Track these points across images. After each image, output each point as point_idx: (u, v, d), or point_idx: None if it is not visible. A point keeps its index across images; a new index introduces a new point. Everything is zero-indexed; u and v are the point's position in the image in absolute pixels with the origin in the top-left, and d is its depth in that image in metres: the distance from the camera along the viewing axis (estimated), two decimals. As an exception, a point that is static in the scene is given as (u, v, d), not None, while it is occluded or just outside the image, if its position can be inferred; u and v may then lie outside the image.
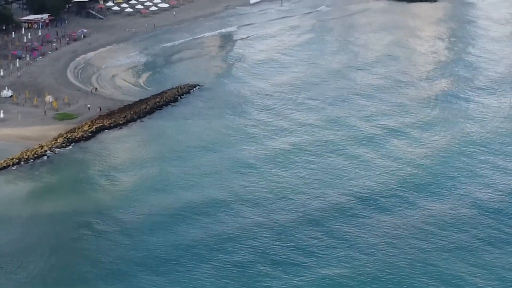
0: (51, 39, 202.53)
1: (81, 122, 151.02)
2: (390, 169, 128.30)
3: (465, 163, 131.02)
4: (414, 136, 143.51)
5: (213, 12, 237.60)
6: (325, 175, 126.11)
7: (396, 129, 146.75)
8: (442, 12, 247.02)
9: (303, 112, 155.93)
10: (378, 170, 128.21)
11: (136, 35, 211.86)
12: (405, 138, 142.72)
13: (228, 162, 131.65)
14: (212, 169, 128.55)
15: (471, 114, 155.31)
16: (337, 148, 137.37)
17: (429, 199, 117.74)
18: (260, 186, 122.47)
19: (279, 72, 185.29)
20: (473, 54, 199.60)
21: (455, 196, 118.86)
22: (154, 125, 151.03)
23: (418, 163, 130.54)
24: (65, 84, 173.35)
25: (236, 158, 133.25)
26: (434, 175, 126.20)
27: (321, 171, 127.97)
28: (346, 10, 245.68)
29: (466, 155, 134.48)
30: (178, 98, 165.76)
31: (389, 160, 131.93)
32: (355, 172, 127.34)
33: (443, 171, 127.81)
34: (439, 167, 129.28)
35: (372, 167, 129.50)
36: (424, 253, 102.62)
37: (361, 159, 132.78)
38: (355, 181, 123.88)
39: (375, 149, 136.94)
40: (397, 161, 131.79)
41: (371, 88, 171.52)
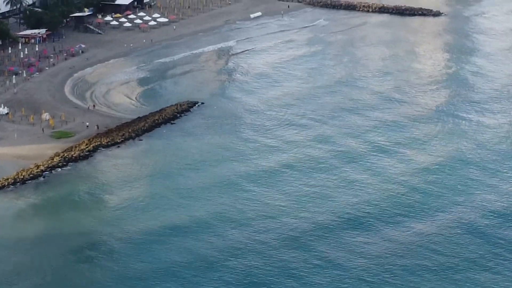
0: (49, 55, 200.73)
1: (78, 141, 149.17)
2: (381, 188, 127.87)
3: (456, 181, 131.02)
4: (406, 154, 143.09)
5: (213, 26, 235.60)
6: (318, 194, 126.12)
7: (388, 147, 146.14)
8: (444, 26, 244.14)
9: (302, 130, 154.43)
10: (367, 189, 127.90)
11: (134, 50, 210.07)
12: (397, 156, 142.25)
13: (227, 184, 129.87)
14: (211, 191, 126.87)
15: (465, 132, 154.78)
16: (334, 167, 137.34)
17: (417, 220, 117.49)
18: (258, 209, 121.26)
19: (280, 88, 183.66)
20: (470, 70, 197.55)
21: (444, 216, 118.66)
22: (152, 144, 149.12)
23: (408, 182, 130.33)
24: (62, 101, 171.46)
25: (236, 180, 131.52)
26: (424, 194, 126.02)
27: (314, 190, 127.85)
28: (345, 24, 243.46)
29: (458, 173, 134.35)
30: (178, 115, 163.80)
31: (381, 179, 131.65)
32: (349, 192, 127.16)
33: (433, 190, 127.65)
34: (429, 186, 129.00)
35: (362, 186, 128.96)
36: (410, 275, 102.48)
37: (354, 177, 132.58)
38: (349, 200, 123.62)
39: (368, 168, 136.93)
40: (387, 179, 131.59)
41: (368, 104, 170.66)
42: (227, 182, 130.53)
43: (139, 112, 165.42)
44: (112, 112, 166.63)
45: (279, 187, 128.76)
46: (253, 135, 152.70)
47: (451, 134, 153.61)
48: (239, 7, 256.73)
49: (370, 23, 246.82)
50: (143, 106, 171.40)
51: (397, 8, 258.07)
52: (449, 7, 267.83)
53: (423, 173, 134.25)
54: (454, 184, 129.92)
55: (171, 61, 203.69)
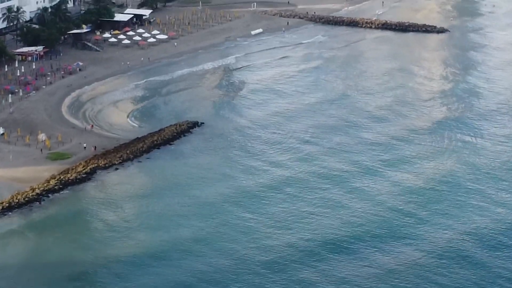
0: (46, 73, 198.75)
1: (75, 162, 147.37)
2: (368, 211, 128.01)
3: (446, 204, 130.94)
4: (397, 174, 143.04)
5: (213, 43, 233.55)
6: (316, 215, 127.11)
7: (379, 168, 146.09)
8: (447, 43, 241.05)
9: (301, 159, 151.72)
10: (358, 211, 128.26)
11: (133, 68, 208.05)
12: (389, 177, 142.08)
13: (225, 214, 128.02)
14: (208, 222, 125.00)
15: (461, 151, 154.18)
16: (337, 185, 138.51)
17: (403, 244, 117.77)
18: (248, 231, 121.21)
19: (281, 106, 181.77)
20: (473, 90, 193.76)
21: (431, 241, 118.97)
22: (151, 167, 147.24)
23: (397, 205, 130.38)
24: (59, 121, 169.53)
25: (232, 207, 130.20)
26: (411, 217, 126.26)
27: (309, 210, 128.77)
28: (346, 41, 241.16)
29: (448, 196, 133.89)
30: (177, 136, 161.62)
31: (368, 201, 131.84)
32: (342, 214, 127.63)
33: (421, 213, 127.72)
34: (417, 208, 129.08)
35: (353, 208, 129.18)
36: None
37: (348, 199, 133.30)
38: (339, 223, 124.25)
39: (364, 189, 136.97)
40: (375, 201, 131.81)
41: (363, 123, 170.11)
42: (224, 209, 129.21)
43: (137, 133, 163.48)
44: (110, 132, 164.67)
45: (272, 211, 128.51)
46: (253, 159, 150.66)
47: (445, 154, 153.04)
48: (239, 23, 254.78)
49: (372, 39, 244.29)
50: (141, 126, 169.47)
51: (400, 25, 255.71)
52: (454, 23, 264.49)
53: (413, 195, 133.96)
54: (444, 207, 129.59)
55: (170, 79, 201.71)
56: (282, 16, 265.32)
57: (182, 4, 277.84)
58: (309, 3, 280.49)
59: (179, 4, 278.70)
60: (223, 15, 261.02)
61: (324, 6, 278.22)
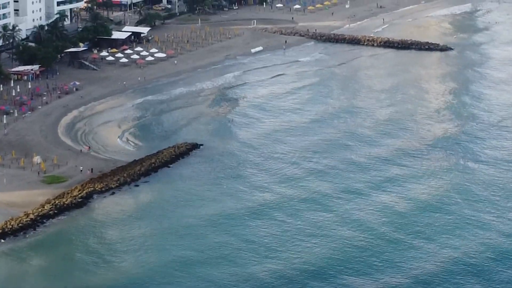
0: (41, 92, 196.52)
1: (70, 186, 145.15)
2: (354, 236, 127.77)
3: (437, 226, 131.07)
4: (386, 195, 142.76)
5: (213, 62, 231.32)
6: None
7: (368, 189, 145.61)
8: (451, 62, 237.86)
9: (296, 182, 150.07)
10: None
11: (131, 88, 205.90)
12: (377, 197, 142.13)
13: (223, 240, 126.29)
14: (206, 253, 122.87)
15: (455, 169, 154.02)
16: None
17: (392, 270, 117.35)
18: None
19: (281, 126, 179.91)
20: (476, 115, 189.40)
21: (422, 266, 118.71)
22: (149, 192, 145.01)
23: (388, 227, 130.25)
24: (55, 143, 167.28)
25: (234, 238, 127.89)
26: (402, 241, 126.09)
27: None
28: (347, 59, 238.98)
29: (437, 217, 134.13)
30: (175, 159, 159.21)
31: (353, 225, 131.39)
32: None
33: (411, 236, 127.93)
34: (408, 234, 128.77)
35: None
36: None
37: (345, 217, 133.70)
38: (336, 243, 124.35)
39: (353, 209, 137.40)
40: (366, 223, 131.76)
41: (358, 140, 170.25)
42: (221, 236, 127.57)
43: (135, 155, 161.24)
44: (106, 154, 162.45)
45: (271, 232, 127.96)
46: (252, 184, 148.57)
47: (436, 176, 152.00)
48: (239, 41, 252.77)
49: (373, 57, 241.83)
50: (139, 148, 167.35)
51: (403, 42, 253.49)
52: (457, 40, 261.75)
53: (402, 219, 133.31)
54: (439, 229, 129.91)
55: (169, 99, 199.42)
56: (282, 33, 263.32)
57: (181, 22, 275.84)
58: (310, 21, 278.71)
59: (178, 21, 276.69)
60: (223, 32, 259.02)
61: (325, 23, 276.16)
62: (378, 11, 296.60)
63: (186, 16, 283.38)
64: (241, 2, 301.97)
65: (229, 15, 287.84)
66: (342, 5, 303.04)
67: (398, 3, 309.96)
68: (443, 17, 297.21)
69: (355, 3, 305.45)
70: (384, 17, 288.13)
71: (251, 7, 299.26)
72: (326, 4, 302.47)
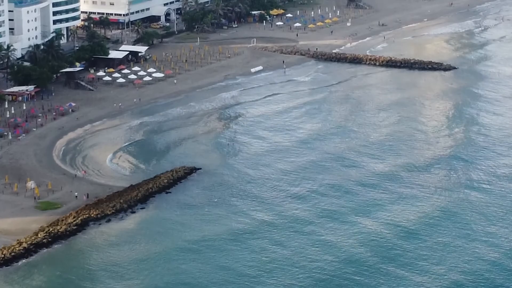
0: (36, 114, 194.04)
1: (65, 213, 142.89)
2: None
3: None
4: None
5: (212, 82, 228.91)
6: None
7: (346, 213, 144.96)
8: (454, 82, 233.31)
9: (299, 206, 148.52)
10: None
11: (128, 109, 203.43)
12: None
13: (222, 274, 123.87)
14: (206, 279, 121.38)
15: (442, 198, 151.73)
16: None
17: None
18: None
19: (280, 150, 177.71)
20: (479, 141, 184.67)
21: None
22: (146, 219, 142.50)
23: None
24: (49, 167, 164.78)
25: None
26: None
27: None
28: (346, 79, 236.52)
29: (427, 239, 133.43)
30: (173, 183, 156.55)
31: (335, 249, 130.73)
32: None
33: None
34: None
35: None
36: None
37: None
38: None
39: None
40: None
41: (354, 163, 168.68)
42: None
43: (131, 179, 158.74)
44: (102, 179, 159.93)
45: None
46: (252, 210, 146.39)
47: (424, 197, 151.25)
48: (239, 60, 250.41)
49: (375, 78, 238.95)
50: (136, 172, 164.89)
51: (406, 62, 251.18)
52: (461, 59, 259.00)
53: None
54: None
55: (167, 120, 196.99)
56: (283, 52, 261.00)
57: (180, 40, 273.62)
58: (311, 39, 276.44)
59: (176, 40, 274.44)
60: (222, 51, 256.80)
61: (326, 42, 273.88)
62: (380, 29, 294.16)
63: (185, 34, 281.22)
64: (241, 20, 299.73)
65: (229, 33, 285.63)
66: (343, 23, 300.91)
67: (400, 21, 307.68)
68: (446, 35, 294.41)
69: (356, 21, 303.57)
70: (385, 35, 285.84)
71: (251, 25, 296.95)
72: (327, 22, 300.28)
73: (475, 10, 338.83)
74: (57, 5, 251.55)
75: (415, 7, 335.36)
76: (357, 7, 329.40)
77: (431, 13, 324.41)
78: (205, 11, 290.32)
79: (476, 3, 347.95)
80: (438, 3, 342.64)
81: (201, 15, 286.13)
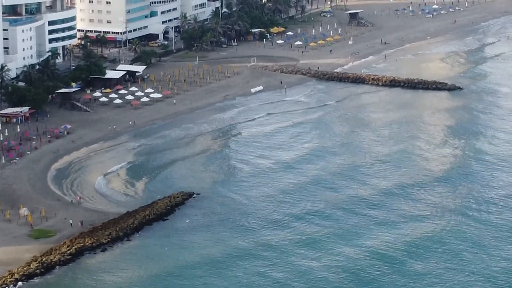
0: (31, 137, 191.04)
1: (59, 241, 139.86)
2: None
3: None
4: None
5: (211, 103, 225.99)
6: None
7: None
8: (459, 103, 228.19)
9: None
10: None
11: (125, 131, 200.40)
12: None
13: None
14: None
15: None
16: None
17: None
18: None
19: (280, 174, 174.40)
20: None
21: None
22: (143, 248, 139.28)
23: None
24: (43, 193, 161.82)
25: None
26: None
27: None
28: (349, 99, 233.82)
29: None
30: (171, 210, 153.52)
31: None
32: None
33: None
34: None
35: None
36: None
37: None
38: None
39: None
40: None
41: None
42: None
43: (128, 205, 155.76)
44: (98, 205, 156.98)
45: None
46: (251, 239, 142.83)
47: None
48: (238, 80, 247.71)
49: (378, 98, 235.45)
50: (132, 197, 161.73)
51: (409, 81, 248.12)
52: (466, 79, 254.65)
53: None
54: None
55: (164, 143, 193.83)
56: (283, 72, 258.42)
57: (178, 59, 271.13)
58: (312, 58, 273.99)
59: (175, 59, 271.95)
60: (221, 71, 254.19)
61: (328, 61, 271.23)
62: (383, 48, 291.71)
63: (183, 53, 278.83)
64: (240, 38, 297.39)
65: (228, 52, 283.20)
66: (345, 41, 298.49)
67: (403, 39, 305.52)
68: (450, 53, 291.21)
69: (358, 39, 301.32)
70: (388, 54, 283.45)
71: (251, 43, 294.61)
72: (329, 41, 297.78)
73: (479, 27, 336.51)
74: (53, 24, 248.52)
75: (418, 24, 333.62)
76: (359, 24, 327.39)
77: (434, 30, 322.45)
78: (204, 29, 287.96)
79: (480, 21, 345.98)
80: (441, 21, 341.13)
81: (200, 33, 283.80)
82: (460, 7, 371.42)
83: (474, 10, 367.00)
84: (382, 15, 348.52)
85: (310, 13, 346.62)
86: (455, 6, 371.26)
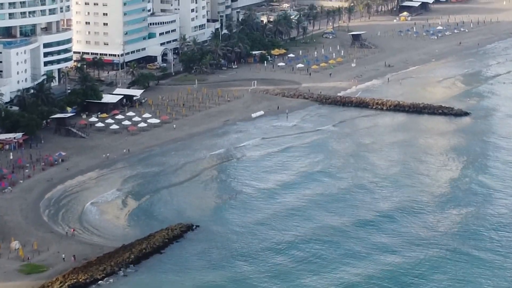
0: (24, 164, 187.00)
1: (51, 277, 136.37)
2: None
3: None
4: None
5: (210, 128, 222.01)
6: None
7: None
8: (466, 129, 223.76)
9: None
10: None
11: (121, 159, 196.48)
12: None
13: None
14: None
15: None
16: None
17: None
18: None
19: (281, 205, 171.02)
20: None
21: None
22: (138, 284, 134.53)
23: None
24: (36, 224, 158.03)
25: None
26: None
27: None
28: (353, 125, 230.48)
29: None
30: (169, 243, 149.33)
31: None
32: None
33: None
34: None
35: None
36: None
37: None
38: None
39: None
40: None
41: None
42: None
43: (123, 238, 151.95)
44: (92, 238, 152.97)
45: None
46: (256, 272, 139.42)
47: None
48: (239, 104, 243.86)
49: (382, 124, 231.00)
50: (128, 229, 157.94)
51: (414, 106, 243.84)
52: (473, 104, 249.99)
53: None
54: None
55: (162, 171, 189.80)
56: (285, 96, 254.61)
57: (177, 82, 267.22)
58: (314, 81, 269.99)
59: (173, 82, 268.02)
60: (221, 95, 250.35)
61: (331, 84, 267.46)
62: (387, 70, 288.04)
63: (182, 76, 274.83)
64: (241, 61, 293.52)
65: (228, 75, 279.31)
66: (347, 64, 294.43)
67: (407, 61, 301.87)
68: (456, 76, 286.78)
69: (361, 62, 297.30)
70: (390, 77, 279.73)
71: (251, 66, 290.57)
72: (331, 63, 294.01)
73: (485, 49, 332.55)
74: (48, 46, 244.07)
75: (422, 46, 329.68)
76: (362, 46, 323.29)
77: (439, 52, 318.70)
78: (203, 51, 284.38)
79: (486, 42, 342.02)
80: (446, 42, 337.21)
81: (200, 56, 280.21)
82: (465, 28, 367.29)
83: (479, 31, 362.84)
84: (386, 36, 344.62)
85: (312, 34, 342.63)
86: (460, 27, 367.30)
